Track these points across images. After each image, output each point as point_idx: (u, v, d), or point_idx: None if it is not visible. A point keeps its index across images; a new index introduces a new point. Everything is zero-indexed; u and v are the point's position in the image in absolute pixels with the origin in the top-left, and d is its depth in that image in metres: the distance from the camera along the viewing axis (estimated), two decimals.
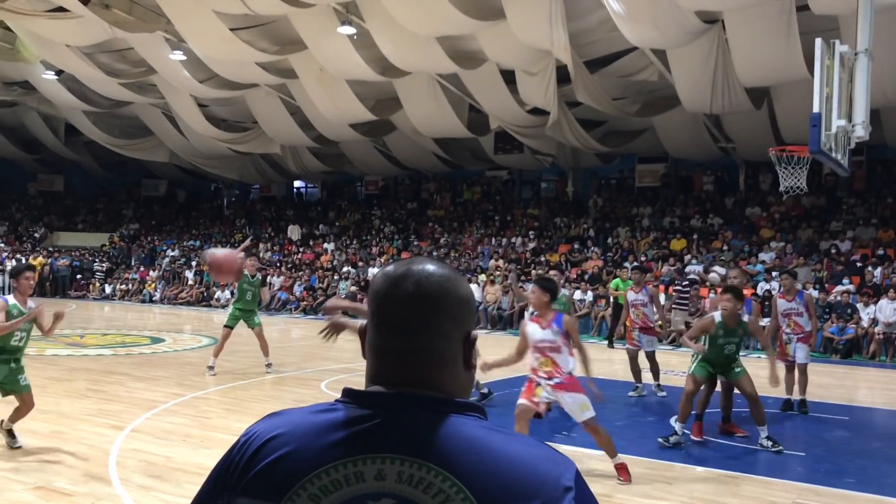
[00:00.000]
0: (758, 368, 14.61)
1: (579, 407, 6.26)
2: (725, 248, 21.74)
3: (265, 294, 12.05)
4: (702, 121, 22.52)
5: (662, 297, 18.18)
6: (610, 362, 14.06)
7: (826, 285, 18.38)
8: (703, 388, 7.96)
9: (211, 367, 11.62)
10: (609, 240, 24.35)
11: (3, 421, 6.93)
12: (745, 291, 10.56)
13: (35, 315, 6.73)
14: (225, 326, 12.05)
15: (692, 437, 7.89)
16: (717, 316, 7.74)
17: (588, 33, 18.00)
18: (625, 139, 24.95)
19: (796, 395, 9.96)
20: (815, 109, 8.64)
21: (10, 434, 6.89)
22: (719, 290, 17.16)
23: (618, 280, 17.04)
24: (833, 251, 20.17)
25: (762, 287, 18.88)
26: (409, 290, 1.26)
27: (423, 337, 1.25)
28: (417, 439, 1.18)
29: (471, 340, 1.30)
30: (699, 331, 7.89)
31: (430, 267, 1.29)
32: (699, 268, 20.12)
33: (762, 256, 20.62)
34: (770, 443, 7.52)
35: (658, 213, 25.34)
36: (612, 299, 17.70)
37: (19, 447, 6.86)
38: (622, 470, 6.33)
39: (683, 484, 6.44)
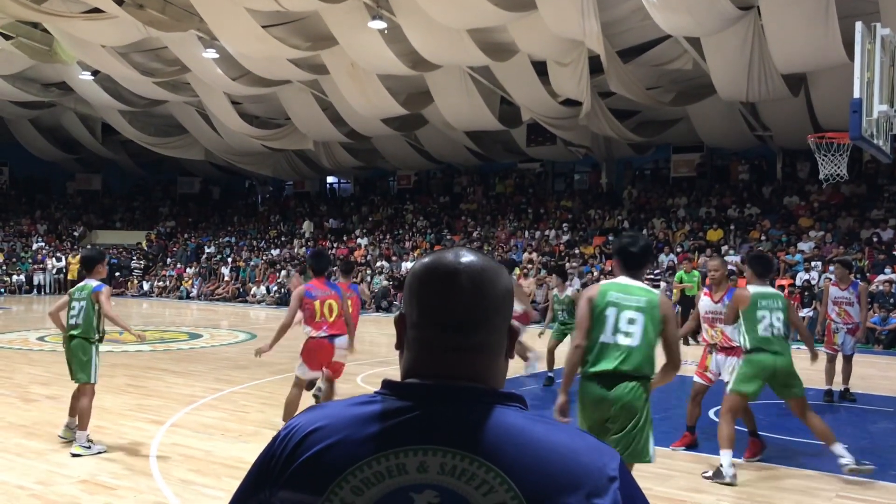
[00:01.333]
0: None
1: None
2: (763, 237, 21.42)
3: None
4: (737, 109, 22.19)
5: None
6: None
7: (868, 275, 18.03)
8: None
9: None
10: (644, 231, 24.12)
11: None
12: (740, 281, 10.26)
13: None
14: None
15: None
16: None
17: (621, 22, 17.81)
18: (659, 129, 24.68)
19: (837, 386, 9.79)
20: (856, 95, 8.44)
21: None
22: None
23: (681, 273, 17.04)
24: (875, 240, 19.77)
25: (801, 277, 18.57)
26: (463, 287, 1.25)
27: (481, 332, 1.26)
28: (459, 430, 1.17)
29: (514, 332, 1.30)
30: None
31: (478, 260, 1.28)
32: (737, 258, 19.85)
33: (801, 246, 20.29)
34: None
35: (694, 203, 25.04)
36: (675, 293, 17.60)
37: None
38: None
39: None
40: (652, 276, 19.03)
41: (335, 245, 29.59)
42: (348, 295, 7.73)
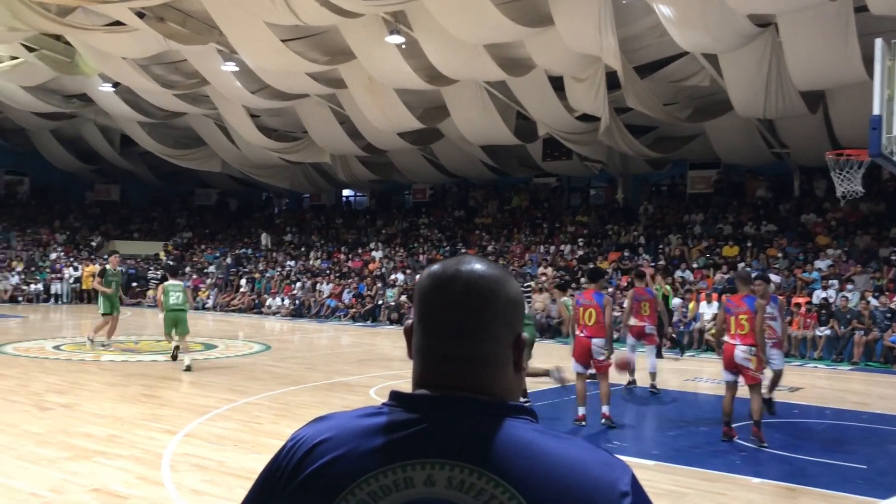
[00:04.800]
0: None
1: None
2: (780, 255, 21.27)
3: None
4: (755, 126, 22.11)
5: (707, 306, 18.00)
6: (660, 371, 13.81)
7: (887, 293, 17.86)
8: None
9: (92, 341, 14.83)
10: (660, 247, 24.03)
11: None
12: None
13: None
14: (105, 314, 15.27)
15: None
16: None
17: (638, 38, 17.83)
18: (676, 145, 24.63)
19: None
20: (875, 111, 8.41)
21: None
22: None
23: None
24: (893, 258, 19.58)
25: (818, 295, 18.42)
26: (458, 293, 1.22)
27: (473, 342, 1.22)
28: (467, 443, 1.15)
29: (521, 343, 1.26)
30: None
31: (480, 267, 1.25)
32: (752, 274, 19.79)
33: (818, 264, 20.12)
34: None
35: (710, 219, 24.93)
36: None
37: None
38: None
39: (738, 495, 6.29)
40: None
41: (349, 257, 29.67)
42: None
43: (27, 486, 5.87)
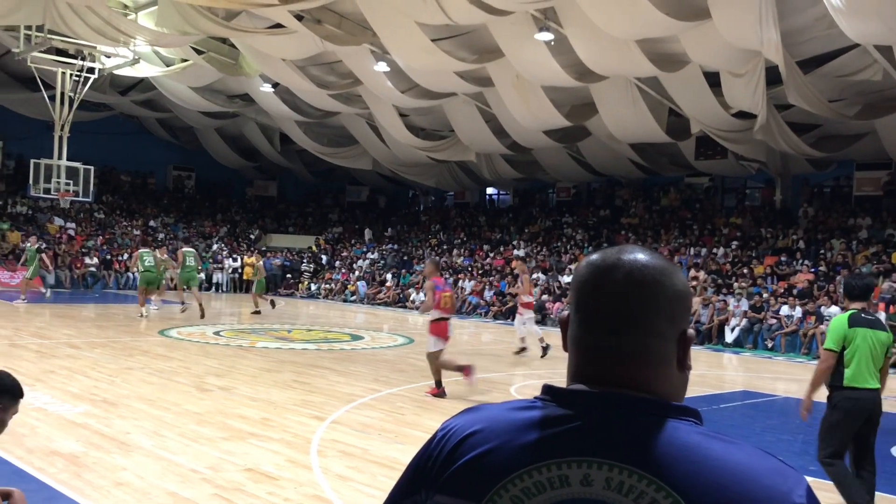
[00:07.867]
0: None
1: None
2: None
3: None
4: None
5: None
6: None
7: None
8: None
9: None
10: (821, 252, 22.64)
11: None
12: None
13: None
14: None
15: None
16: None
17: (802, 31, 16.83)
18: (842, 144, 23.09)
19: None
20: None
21: None
22: None
23: None
24: None
25: None
26: (619, 283, 1.16)
27: (635, 335, 1.15)
28: (627, 443, 1.09)
29: (687, 339, 1.18)
30: None
31: (643, 256, 1.18)
32: None
33: None
34: None
35: (879, 224, 23.24)
36: None
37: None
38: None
39: None
40: None
41: (492, 255, 29.77)
42: None
43: (188, 462, 6.23)
